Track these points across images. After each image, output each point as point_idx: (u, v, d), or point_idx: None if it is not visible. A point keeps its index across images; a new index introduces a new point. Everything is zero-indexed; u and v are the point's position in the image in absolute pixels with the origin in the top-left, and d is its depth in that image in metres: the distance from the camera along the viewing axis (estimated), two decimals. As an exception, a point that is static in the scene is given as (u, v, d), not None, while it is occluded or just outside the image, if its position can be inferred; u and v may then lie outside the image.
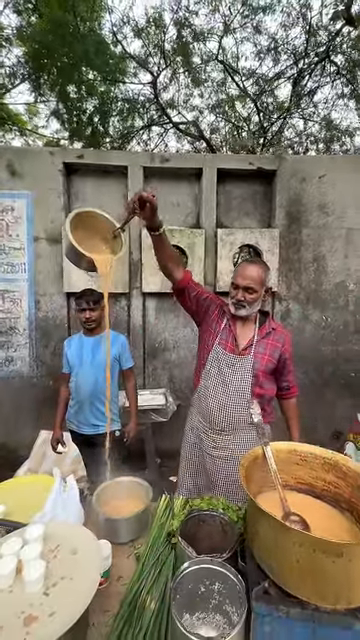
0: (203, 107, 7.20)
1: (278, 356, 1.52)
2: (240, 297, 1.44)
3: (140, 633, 0.81)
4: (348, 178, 2.99)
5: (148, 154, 3.00)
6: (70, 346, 2.05)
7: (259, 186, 3.13)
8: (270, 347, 1.51)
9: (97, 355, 1.96)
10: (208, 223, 2.99)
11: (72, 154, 2.88)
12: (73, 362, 2.00)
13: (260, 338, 1.51)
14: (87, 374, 1.95)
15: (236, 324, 1.53)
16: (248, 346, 1.50)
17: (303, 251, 3.06)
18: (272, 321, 1.59)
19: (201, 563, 0.82)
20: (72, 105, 6.16)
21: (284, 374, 1.58)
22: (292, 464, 1.00)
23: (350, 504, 0.90)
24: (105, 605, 0.90)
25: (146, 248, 2.87)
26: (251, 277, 1.42)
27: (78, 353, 2.00)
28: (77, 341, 2.05)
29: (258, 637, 0.72)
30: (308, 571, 0.68)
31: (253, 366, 1.47)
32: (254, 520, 0.81)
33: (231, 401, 1.47)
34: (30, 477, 1.37)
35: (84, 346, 2.00)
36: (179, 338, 3.11)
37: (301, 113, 7.04)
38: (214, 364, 1.52)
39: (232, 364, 1.49)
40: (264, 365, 1.48)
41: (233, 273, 1.51)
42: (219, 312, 1.57)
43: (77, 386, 1.99)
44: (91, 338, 2.00)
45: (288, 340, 1.57)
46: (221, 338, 1.52)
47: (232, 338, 1.51)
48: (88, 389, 1.95)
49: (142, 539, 1.13)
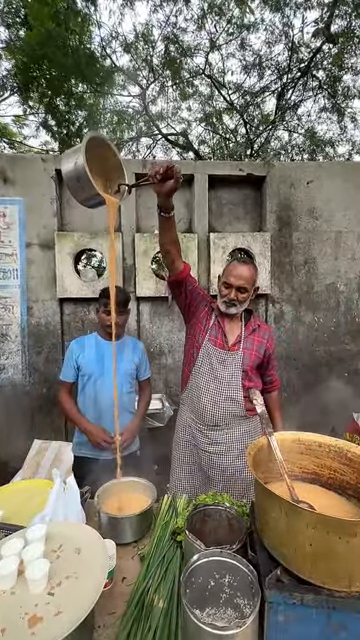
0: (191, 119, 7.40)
1: (263, 351, 1.58)
2: (233, 296, 1.48)
3: (150, 632, 0.78)
4: (334, 183, 3.09)
5: (140, 161, 3.04)
6: (83, 349, 1.74)
7: (249, 191, 3.20)
8: (256, 343, 1.57)
9: (121, 363, 1.74)
10: (201, 228, 3.03)
11: (64, 161, 2.90)
12: (91, 369, 1.71)
13: (247, 334, 1.57)
14: (111, 384, 1.60)
15: (224, 321, 1.58)
16: (237, 342, 1.55)
17: (294, 254, 3.12)
18: (256, 318, 1.65)
19: (211, 556, 0.80)
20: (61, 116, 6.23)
21: (268, 368, 1.64)
22: (297, 453, 1.00)
23: (357, 491, 0.90)
24: (110, 607, 0.86)
25: (140, 253, 2.88)
26: (244, 277, 1.46)
27: (98, 359, 1.72)
28: (94, 344, 1.77)
29: (272, 627, 0.70)
30: (321, 554, 0.67)
31: (243, 361, 1.52)
32: (264, 508, 0.80)
33: (223, 396, 1.50)
34: (27, 482, 1.32)
35: (105, 351, 1.74)
36: (174, 342, 3.10)
37: (286, 125, 7.29)
38: (205, 360, 1.54)
39: (223, 360, 1.52)
40: (252, 360, 1.55)
41: (223, 272, 1.54)
42: (208, 309, 1.62)
43: (96, 399, 1.71)
44: (112, 343, 1.71)
45: (271, 336, 1.64)
46: (211, 334, 1.56)
47: (221, 334, 1.55)
48: (111, 401, 1.58)
49: (146, 540, 1.10)
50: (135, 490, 1.23)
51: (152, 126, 6.61)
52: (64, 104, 6.52)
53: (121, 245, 2.88)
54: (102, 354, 1.74)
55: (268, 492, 0.73)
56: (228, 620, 0.79)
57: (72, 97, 6.19)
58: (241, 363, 1.52)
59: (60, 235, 2.80)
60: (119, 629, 0.79)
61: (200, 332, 1.58)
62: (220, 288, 1.53)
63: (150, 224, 3.11)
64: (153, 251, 2.90)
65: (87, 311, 3.00)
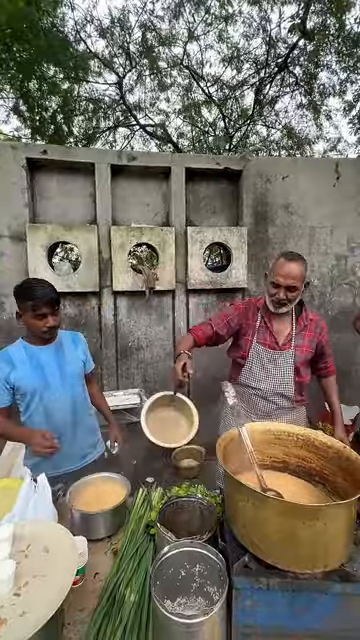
0: (170, 111, 7.30)
1: (315, 345, 1.55)
2: (282, 296, 1.40)
3: (120, 626, 0.78)
4: (308, 180, 3.16)
5: (115, 152, 2.97)
6: (13, 365, 1.40)
7: (226, 185, 3.21)
8: (308, 338, 1.53)
9: (65, 365, 1.50)
10: (178, 221, 3.01)
11: (36, 150, 2.78)
12: (32, 387, 1.42)
13: (298, 331, 1.52)
14: (61, 395, 1.47)
15: (272, 320, 1.52)
16: (288, 341, 1.51)
17: (270, 249, 3.17)
18: (307, 311, 1.57)
19: (181, 547, 0.81)
20: (34, 102, 5.97)
21: (322, 359, 1.61)
22: (267, 443, 1.02)
23: (322, 477, 0.94)
24: (81, 603, 0.86)
25: (116, 246, 2.83)
26: (293, 275, 1.37)
27: (37, 372, 1.43)
28: (25, 356, 1.44)
29: (239, 612, 0.72)
30: (286, 539, 0.69)
31: (294, 359, 1.50)
32: (232, 497, 0.82)
33: (275, 392, 1.52)
34: (-4, 481, 1.28)
35: (41, 360, 1.45)
36: (152, 336, 3.09)
37: (264, 121, 7.35)
38: (256, 362, 1.53)
39: (274, 359, 1.51)
40: (304, 356, 1.52)
41: (271, 270, 1.45)
42: (250, 314, 1.57)
43: (48, 416, 1.45)
44: (48, 347, 1.48)
45: (324, 328, 1.59)
46: (259, 336, 1.53)
47: (270, 335, 1.52)
48: (67, 413, 1.49)
49: (120, 534, 1.09)
50: (109, 485, 1.22)
51: (129, 116, 6.47)
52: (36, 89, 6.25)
53: (96, 238, 2.82)
54: (39, 364, 1.45)
55: (236, 482, 0.74)
56: (198, 608, 0.81)
57: (45, 82, 5.94)
58: (293, 361, 1.50)
59: (32, 227, 2.69)
60: (89, 625, 0.79)
61: (248, 337, 1.55)
62: (268, 287, 1.45)
63: (127, 217, 3.05)
64: (130, 244, 2.86)
65: (63, 306, 2.92)
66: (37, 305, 1.33)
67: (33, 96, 6.25)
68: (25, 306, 1.35)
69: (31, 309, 1.34)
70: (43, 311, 1.35)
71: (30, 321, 1.37)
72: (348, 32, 5.34)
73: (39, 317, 1.35)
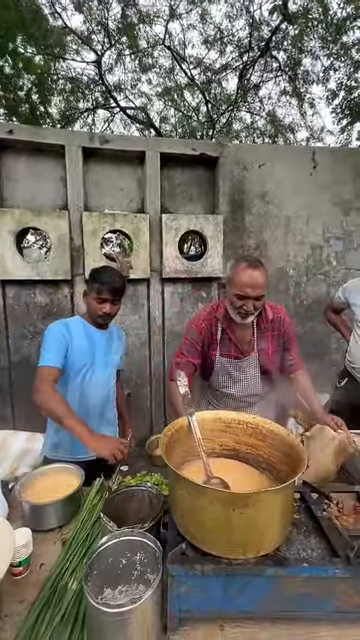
0: (152, 94, 7.08)
1: (282, 342, 1.50)
2: (250, 308, 1.31)
3: (58, 614, 0.77)
4: (286, 168, 3.13)
5: (87, 133, 2.86)
6: (71, 334, 1.46)
7: (203, 172, 3.15)
8: (271, 338, 1.48)
9: (109, 354, 1.57)
10: (153, 208, 2.94)
11: (1, 129, 2.63)
12: (82, 360, 1.47)
13: (260, 335, 1.47)
14: (100, 380, 1.53)
15: (234, 330, 1.46)
16: (250, 347, 1.47)
17: (246, 238, 3.16)
18: (266, 309, 1.47)
19: (121, 536, 0.80)
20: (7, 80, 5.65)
21: (286, 353, 1.53)
22: (217, 431, 1.02)
23: (269, 463, 0.95)
24: (21, 595, 0.85)
25: (87, 233, 2.75)
26: (260, 284, 1.29)
27: (91, 350, 1.50)
28: (82, 331, 1.50)
29: (174, 598, 0.73)
30: (219, 526, 0.70)
31: (259, 363, 1.47)
32: (173, 487, 0.81)
33: (244, 393, 1.51)
34: None
35: (97, 341, 1.53)
36: (127, 325, 3.05)
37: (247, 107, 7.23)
38: (222, 372, 1.50)
39: (239, 367, 1.48)
40: (270, 358, 1.47)
41: (230, 280, 1.34)
42: (207, 331, 1.48)
43: (82, 393, 1.50)
44: (102, 332, 1.56)
45: (287, 321, 1.51)
46: (222, 350, 1.48)
47: (233, 346, 1.47)
48: (100, 398, 1.54)
49: (72, 524, 1.08)
50: (63, 476, 1.20)
51: (109, 97, 6.23)
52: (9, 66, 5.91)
53: (68, 224, 2.73)
54: (93, 344, 1.51)
55: (173, 471, 0.73)
56: (139, 595, 0.81)
57: (18, 58, 5.61)
58: (258, 364, 1.47)
59: (-2, 211, 2.58)
60: (28, 613, 0.78)
61: (211, 350, 1.50)
62: (231, 299, 1.34)
63: (100, 202, 2.96)
64: (102, 231, 2.78)
65: (33, 294, 2.83)
66: (101, 289, 1.44)
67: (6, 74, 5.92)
68: (92, 287, 1.47)
69: (95, 291, 1.45)
70: (104, 296, 1.45)
71: (92, 302, 1.48)
72: (332, 17, 5.26)
73: (100, 301, 1.46)
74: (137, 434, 2.10)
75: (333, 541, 0.80)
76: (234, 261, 1.38)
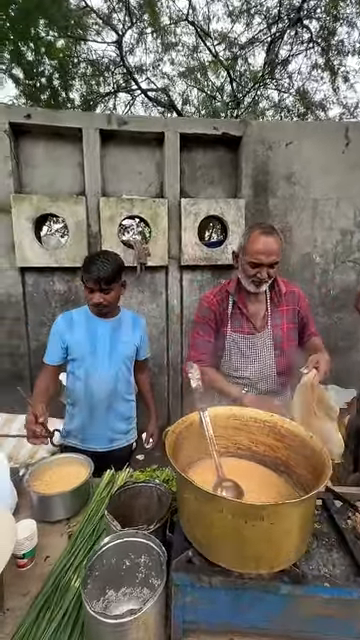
0: (174, 74, 6.82)
1: (297, 317, 1.43)
2: (265, 276, 1.27)
3: (59, 613, 0.74)
4: (315, 146, 2.90)
5: (105, 115, 2.76)
6: (72, 327, 1.46)
7: (225, 153, 2.98)
8: (286, 313, 1.42)
9: (118, 345, 1.49)
10: (172, 193, 2.83)
11: (19, 113, 2.60)
12: (82, 352, 1.46)
13: (273, 309, 1.41)
14: (105, 370, 1.47)
15: (246, 304, 1.40)
16: (265, 322, 1.40)
17: (269, 222, 2.97)
18: (280, 284, 1.42)
19: (125, 537, 0.76)
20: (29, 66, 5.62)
21: (304, 330, 1.47)
22: (231, 429, 0.94)
23: (288, 466, 0.86)
24: (25, 587, 0.83)
25: (105, 219, 2.69)
26: (274, 251, 1.25)
27: (90, 339, 1.46)
28: (84, 322, 1.48)
29: (179, 609, 0.67)
30: (228, 537, 0.63)
31: (274, 339, 1.39)
32: (180, 489, 0.75)
33: (259, 377, 1.40)
34: None
35: (98, 331, 1.48)
36: (145, 314, 3.00)
37: (275, 84, 6.82)
38: (234, 352, 1.41)
39: (252, 344, 1.39)
40: (286, 334, 1.40)
41: (243, 248, 1.30)
42: (218, 306, 1.42)
43: (87, 387, 1.47)
44: (106, 321, 1.50)
45: (302, 296, 1.46)
46: (233, 325, 1.41)
47: (246, 321, 1.40)
48: (106, 390, 1.48)
49: (80, 516, 1.05)
50: (73, 467, 1.18)
51: (130, 80, 6.06)
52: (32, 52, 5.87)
53: (85, 210, 2.68)
54: (94, 333, 1.47)
55: (178, 472, 0.66)
56: (144, 599, 0.76)
57: (40, 42, 5.56)
58: (272, 341, 1.38)
59: (17, 198, 2.57)
60: (29, 610, 0.76)
61: (223, 327, 1.42)
62: (244, 268, 1.31)
63: (118, 188, 2.89)
64: (120, 217, 2.71)
65: (52, 281, 2.84)
66: (87, 279, 1.37)
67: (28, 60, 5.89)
68: (82, 276, 1.42)
69: (84, 281, 1.40)
70: (90, 286, 1.37)
71: (85, 292, 1.44)
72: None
73: (88, 290, 1.40)
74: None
75: (358, 557, 0.72)
76: (247, 228, 1.33)
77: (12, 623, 0.74)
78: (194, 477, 0.82)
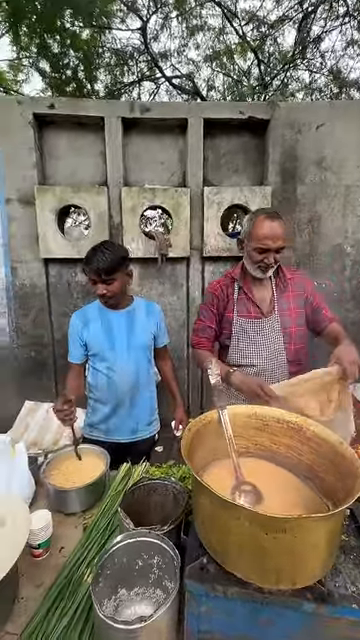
0: (199, 59, 6.61)
1: (303, 304, 1.42)
2: (272, 261, 1.28)
3: (71, 608, 0.73)
4: (348, 128, 2.70)
5: (127, 103, 2.71)
6: (87, 324, 1.46)
7: (250, 139, 2.84)
8: (292, 299, 1.40)
9: (134, 335, 1.47)
10: (194, 182, 2.75)
11: (42, 104, 2.60)
12: (100, 346, 1.44)
13: (280, 294, 1.40)
14: (125, 362, 1.45)
15: (252, 289, 1.39)
16: (271, 308, 1.39)
17: (297, 211, 2.83)
18: (284, 270, 1.42)
19: (137, 536, 0.73)
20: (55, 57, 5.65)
21: (319, 316, 1.42)
22: (252, 429, 0.89)
23: (312, 472, 0.80)
24: (40, 578, 0.82)
25: (126, 210, 2.66)
26: (281, 236, 1.27)
27: (106, 333, 1.44)
28: (98, 316, 1.46)
29: (192, 617, 0.64)
30: (247, 547, 0.58)
31: (282, 323, 1.38)
32: (195, 491, 0.71)
33: (269, 365, 1.38)
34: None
35: (113, 323, 1.46)
36: (165, 306, 2.96)
37: (306, 64, 6.44)
38: (242, 337, 1.39)
39: (260, 328, 1.37)
40: (295, 320, 1.39)
41: (249, 234, 1.30)
42: (222, 292, 1.42)
43: (109, 379, 1.47)
44: (120, 313, 1.47)
45: (308, 283, 1.45)
46: (239, 309, 1.39)
47: (252, 305, 1.39)
48: (128, 383, 1.47)
49: (96, 509, 1.05)
50: (90, 458, 1.17)
51: (154, 67, 5.95)
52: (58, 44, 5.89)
53: (107, 201, 2.66)
54: (109, 326, 1.45)
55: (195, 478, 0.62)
56: (157, 600, 0.74)
57: (65, 33, 5.56)
58: (280, 326, 1.37)
59: (40, 189, 2.59)
60: (42, 602, 0.75)
61: (227, 312, 1.41)
62: (251, 254, 1.31)
63: (140, 177, 2.84)
64: (141, 208, 2.67)
65: (74, 273, 2.86)
66: (88, 271, 1.36)
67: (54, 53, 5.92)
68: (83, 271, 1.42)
69: (86, 273, 1.39)
70: (92, 278, 1.37)
71: (90, 284, 1.43)
72: None
73: (92, 282, 1.39)
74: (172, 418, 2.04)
75: (392, 576, 0.65)
76: (251, 214, 1.33)
77: (25, 614, 0.74)
78: (211, 477, 0.78)
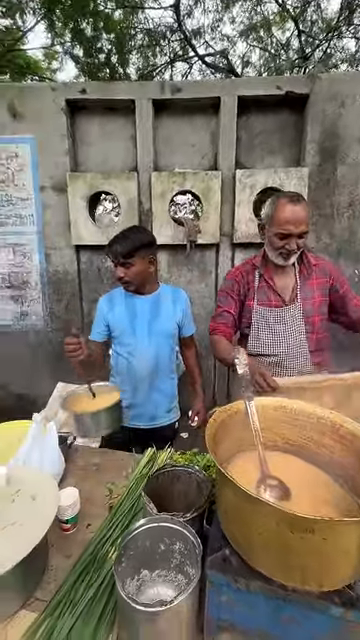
0: (234, 35, 6.27)
1: (328, 291, 1.36)
2: (294, 247, 1.23)
3: (97, 581, 0.76)
4: None
5: (158, 83, 2.63)
6: (113, 306, 1.47)
7: (288, 116, 2.67)
8: (317, 286, 1.35)
9: (156, 321, 1.46)
10: (226, 164, 2.64)
11: (74, 89, 2.60)
12: (122, 330, 1.46)
13: (303, 281, 1.35)
14: (145, 347, 1.46)
15: (273, 277, 1.35)
16: (294, 296, 1.34)
17: (337, 194, 2.64)
18: (308, 256, 1.37)
19: (160, 521, 0.73)
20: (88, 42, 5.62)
21: (347, 304, 1.36)
22: (280, 422, 0.85)
23: (344, 470, 0.75)
24: (69, 549, 0.86)
25: (156, 195, 2.63)
26: (303, 219, 1.21)
27: (129, 318, 1.45)
28: (122, 301, 1.47)
29: (213, 606, 0.63)
30: (272, 544, 0.56)
31: (305, 312, 1.33)
32: (219, 482, 0.70)
33: (290, 355, 1.33)
34: (13, 422, 1.36)
35: (137, 308, 1.46)
36: (193, 293, 2.93)
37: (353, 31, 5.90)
38: (262, 326, 1.34)
39: (281, 318, 1.33)
40: (317, 308, 1.34)
41: (270, 218, 1.26)
42: (243, 279, 1.38)
43: (129, 364, 1.47)
44: (144, 298, 1.46)
45: (333, 270, 1.39)
46: (260, 298, 1.35)
47: (274, 293, 1.34)
48: (147, 368, 1.47)
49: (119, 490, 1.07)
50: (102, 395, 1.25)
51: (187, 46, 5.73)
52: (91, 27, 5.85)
53: (137, 186, 2.64)
54: (133, 311, 1.45)
55: (219, 469, 0.61)
56: (178, 584, 0.74)
57: (98, 16, 5.50)
58: (302, 315, 1.32)
59: (72, 176, 2.62)
60: (69, 573, 0.79)
61: (248, 301, 1.37)
62: (272, 240, 1.27)
63: (170, 161, 2.79)
64: (171, 193, 2.63)
65: (104, 259, 2.90)
66: (107, 253, 1.37)
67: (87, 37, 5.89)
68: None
69: (108, 256, 1.39)
70: (112, 260, 1.37)
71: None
72: None
73: (114, 265, 1.38)
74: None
75: None
76: (273, 197, 1.28)
77: (54, 582, 0.78)
78: (235, 470, 0.76)
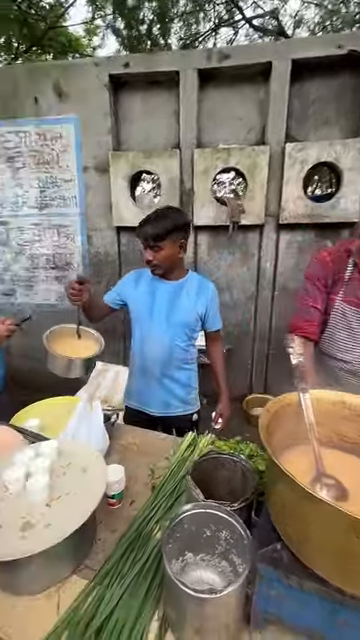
0: (287, -10, 5.69)
1: None
2: None
3: (141, 559, 0.78)
4: None
5: (203, 51, 2.47)
6: (137, 284, 1.44)
7: (348, 79, 2.40)
8: None
9: (176, 309, 1.39)
10: (275, 138, 2.46)
11: (118, 63, 2.53)
12: (139, 311, 1.42)
13: None
14: (159, 333, 1.40)
15: None
16: None
17: None
18: None
19: (207, 508, 0.72)
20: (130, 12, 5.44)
21: None
22: (338, 418, 0.79)
23: None
24: (114, 524, 0.90)
25: (198, 173, 2.53)
26: None
27: (149, 299, 1.40)
28: (148, 283, 1.42)
29: (262, 598, 0.62)
30: (330, 546, 0.52)
31: None
32: (271, 474, 0.67)
33: None
34: (65, 398, 1.43)
35: (157, 293, 1.40)
36: (233, 277, 2.85)
37: None
38: (340, 326, 1.21)
39: None
40: None
41: None
42: (334, 266, 1.20)
43: (142, 349, 1.44)
44: (168, 283, 1.40)
45: None
46: (347, 292, 1.19)
47: None
48: (160, 354, 1.42)
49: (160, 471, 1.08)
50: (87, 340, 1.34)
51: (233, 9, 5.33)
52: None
53: (179, 164, 2.56)
54: (153, 293, 1.40)
55: (275, 464, 0.57)
56: (222, 571, 0.74)
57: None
58: None
59: (114, 155, 2.59)
60: (116, 546, 0.82)
61: (332, 293, 1.21)
62: None
63: (214, 137, 2.65)
64: (214, 170, 2.51)
65: (144, 241, 2.89)
66: (137, 235, 1.32)
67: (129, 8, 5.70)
68: None
69: (138, 237, 1.33)
70: (142, 242, 1.32)
71: None
72: None
73: (144, 247, 1.34)
74: (234, 392, 2.00)
75: None
76: None
77: (102, 553, 0.82)
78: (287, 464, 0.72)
